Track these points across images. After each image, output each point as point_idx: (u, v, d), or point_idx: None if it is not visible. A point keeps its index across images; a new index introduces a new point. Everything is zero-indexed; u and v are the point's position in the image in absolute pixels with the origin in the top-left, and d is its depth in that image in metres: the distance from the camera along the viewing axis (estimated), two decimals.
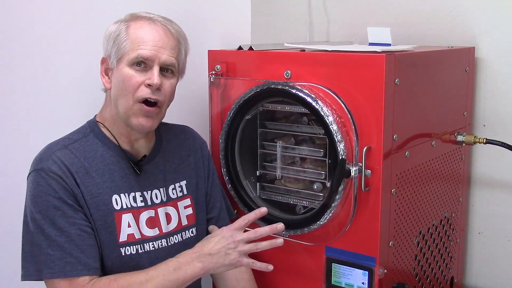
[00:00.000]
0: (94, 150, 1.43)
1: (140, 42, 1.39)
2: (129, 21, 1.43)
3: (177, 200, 1.55)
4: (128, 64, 1.38)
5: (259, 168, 1.71)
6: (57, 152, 1.38)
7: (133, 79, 1.38)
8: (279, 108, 1.61)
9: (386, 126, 1.42)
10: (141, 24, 1.42)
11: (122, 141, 1.46)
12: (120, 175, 1.44)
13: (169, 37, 1.43)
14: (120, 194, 1.43)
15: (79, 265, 1.33)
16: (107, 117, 1.46)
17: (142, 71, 1.39)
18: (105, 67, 1.45)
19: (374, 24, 1.93)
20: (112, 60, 1.41)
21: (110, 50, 1.41)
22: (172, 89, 1.45)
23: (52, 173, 1.34)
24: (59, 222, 1.33)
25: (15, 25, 1.55)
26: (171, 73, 1.44)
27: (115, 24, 1.44)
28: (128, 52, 1.38)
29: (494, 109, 1.87)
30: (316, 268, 1.59)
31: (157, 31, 1.42)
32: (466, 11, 1.88)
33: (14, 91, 1.57)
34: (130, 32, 1.40)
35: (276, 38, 2.21)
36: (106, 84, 1.44)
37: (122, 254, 1.42)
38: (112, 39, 1.41)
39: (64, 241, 1.33)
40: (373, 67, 1.41)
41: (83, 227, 1.35)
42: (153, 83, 1.38)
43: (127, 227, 1.43)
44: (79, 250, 1.33)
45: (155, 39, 1.40)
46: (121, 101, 1.40)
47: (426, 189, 1.66)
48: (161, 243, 1.49)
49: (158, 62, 1.39)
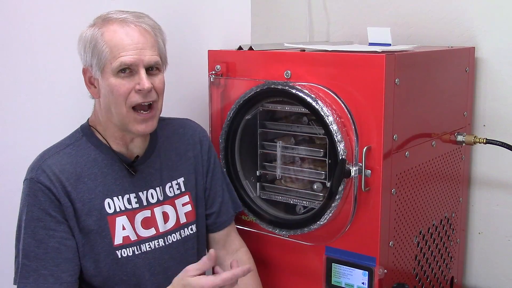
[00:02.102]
0: (87, 154, 1.42)
1: (119, 49, 1.35)
2: (101, 27, 1.38)
3: (174, 198, 1.54)
4: (113, 73, 1.35)
5: (259, 168, 1.71)
6: (48, 160, 1.38)
7: (122, 88, 1.36)
8: (279, 108, 1.61)
9: (386, 126, 1.42)
10: (115, 28, 1.37)
11: (116, 143, 1.45)
12: (113, 178, 1.43)
13: (146, 36, 1.39)
14: (113, 198, 1.42)
15: (51, 278, 1.33)
16: (98, 122, 1.45)
17: (128, 77, 1.36)
18: (88, 76, 1.41)
19: (374, 24, 1.93)
20: (95, 70, 1.37)
21: (90, 61, 1.38)
22: (162, 84, 1.43)
23: (40, 183, 1.35)
24: (39, 233, 1.34)
25: (14, 25, 1.54)
26: (157, 70, 1.42)
27: (88, 30, 1.39)
28: (110, 61, 1.35)
29: (494, 109, 1.87)
30: (316, 268, 1.59)
31: (133, 33, 1.37)
32: (466, 11, 1.88)
33: (11, 94, 1.56)
34: (106, 40, 1.36)
35: (276, 38, 2.21)
36: (94, 95, 1.42)
37: (119, 257, 1.42)
38: (89, 49, 1.37)
39: (41, 253, 1.33)
40: (373, 67, 1.41)
41: (62, 240, 1.35)
42: (144, 87, 1.36)
43: (122, 230, 1.43)
44: (54, 264, 1.34)
45: (133, 42, 1.36)
46: (114, 109, 1.38)
47: (426, 189, 1.66)
48: (158, 243, 1.48)
49: (142, 64, 1.37)
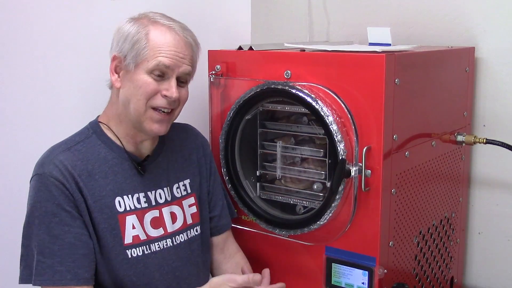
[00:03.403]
0: (97, 152, 1.42)
1: (162, 50, 1.37)
2: (148, 26, 1.39)
3: (182, 198, 1.55)
4: (147, 71, 1.37)
5: (259, 168, 1.71)
6: (59, 156, 1.36)
7: (150, 86, 1.37)
8: (279, 108, 1.61)
9: (386, 126, 1.42)
10: (162, 31, 1.39)
11: (127, 141, 1.45)
12: (123, 176, 1.43)
13: (188, 48, 1.43)
14: (123, 196, 1.42)
15: (68, 275, 1.32)
16: (112, 116, 1.45)
17: (159, 80, 1.38)
18: (116, 64, 1.41)
19: (374, 24, 1.93)
20: (129, 62, 1.38)
21: (126, 52, 1.38)
22: (187, 96, 1.46)
23: (53, 178, 1.33)
24: (54, 229, 1.32)
25: (15, 25, 1.55)
26: (185, 81, 1.45)
27: (132, 24, 1.40)
28: (148, 59, 1.37)
29: (494, 109, 1.87)
30: (316, 268, 1.59)
31: (178, 41, 1.40)
32: (466, 11, 1.87)
33: (14, 92, 1.57)
34: (150, 39, 1.37)
35: (276, 38, 2.21)
36: (116, 83, 1.41)
37: (129, 257, 1.41)
38: (130, 42, 1.38)
39: (57, 249, 1.32)
40: (373, 67, 1.41)
41: (78, 235, 1.34)
42: (172, 96, 1.38)
43: (132, 229, 1.42)
44: (71, 259, 1.32)
45: (177, 49, 1.39)
46: (133, 104, 1.39)
47: (426, 189, 1.66)
48: (166, 243, 1.48)
49: (177, 72, 1.39)
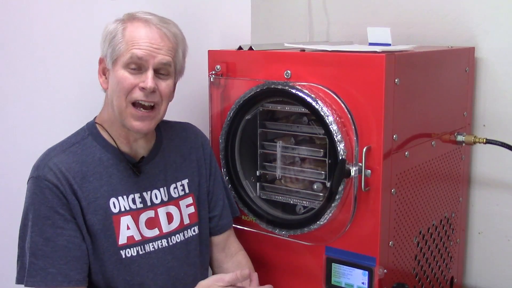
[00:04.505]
0: (92, 153, 1.42)
1: (134, 43, 1.38)
2: (126, 22, 1.42)
3: (179, 199, 1.54)
4: (123, 66, 1.38)
5: (259, 168, 1.71)
6: (54, 158, 1.38)
7: (127, 81, 1.38)
8: (279, 108, 1.61)
9: (386, 126, 1.42)
10: (137, 25, 1.41)
11: (120, 142, 1.46)
12: (118, 177, 1.44)
13: (165, 40, 1.42)
14: (118, 197, 1.42)
15: (59, 276, 1.32)
16: (106, 118, 1.46)
17: (136, 74, 1.38)
18: (102, 66, 1.45)
19: (374, 24, 1.93)
20: (108, 61, 1.41)
21: (106, 51, 1.41)
22: (169, 90, 1.44)
23: (47, 181, 1.34)
24: (47, 231, 1.33)
25: (15, 25, 1.54)
26: (166, 74, 1.43)
27: (113, 23, 1.43)
28: (123, 54, 1.38)
29: (494, 109, 1.87)
30: (316, 268, 1.59)
31: (153, 33, 1.40)
32: (466, 11, 1.87)
33: (13, 92, 1.56)
34: (125, 34, 1.39)
35: (276, 38, 2.20)
36: (103, 84, 1.45)
37: (123, 257, 1.42)
38: (108, 40, 1.41)
39: (50, 251, 1.33)
40: (373, 67, 1.41)
41: (71, 238, 1.35)
42: (147, 86, 1.37)
43: (126, 230, 1.43)
44: (63, 262, 1.33)
45: (150, 40, 1.39)
46: (115, 102, 1.40)
47: (426, 189, 1.66)
48: (161, 243, 1.48)
49: (152, 63, 1.39)
